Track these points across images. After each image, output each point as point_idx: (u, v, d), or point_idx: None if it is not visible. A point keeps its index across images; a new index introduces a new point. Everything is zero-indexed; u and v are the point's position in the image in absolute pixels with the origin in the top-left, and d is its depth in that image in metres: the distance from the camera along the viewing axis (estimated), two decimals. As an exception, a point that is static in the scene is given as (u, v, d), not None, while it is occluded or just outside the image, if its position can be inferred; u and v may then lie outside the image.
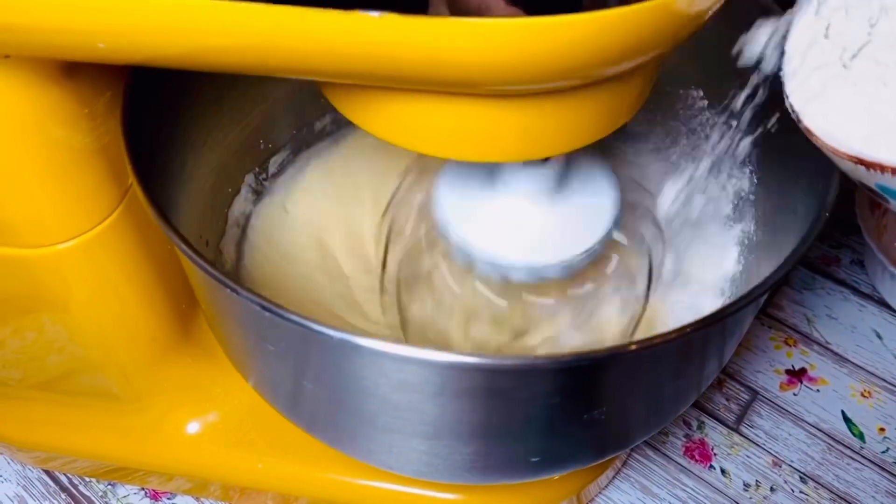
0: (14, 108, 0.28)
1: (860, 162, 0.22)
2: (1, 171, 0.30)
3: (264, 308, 0.25)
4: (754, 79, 0.27)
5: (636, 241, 0.37)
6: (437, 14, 0.20)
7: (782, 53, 0.26)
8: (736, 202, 0.42)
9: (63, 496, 0.47)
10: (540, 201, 0.33)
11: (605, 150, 0.35)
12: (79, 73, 0.30)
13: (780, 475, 0.47)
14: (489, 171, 0.33)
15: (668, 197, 0.34)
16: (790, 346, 0.53)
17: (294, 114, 0.47)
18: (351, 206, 0.47)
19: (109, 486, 0.47)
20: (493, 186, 0.33)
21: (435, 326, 0.37)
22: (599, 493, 0.46)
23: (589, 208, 0.34)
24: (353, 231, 0.46)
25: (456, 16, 0.20)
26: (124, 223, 0.34)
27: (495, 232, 0.33)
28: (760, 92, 0.28)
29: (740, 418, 0.50)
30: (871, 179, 0.23)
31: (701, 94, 0.43)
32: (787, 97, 0.25)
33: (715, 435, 0.49)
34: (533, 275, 0.33)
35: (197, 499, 0.46)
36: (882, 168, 0.22)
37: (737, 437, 0.49)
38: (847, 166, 0.23)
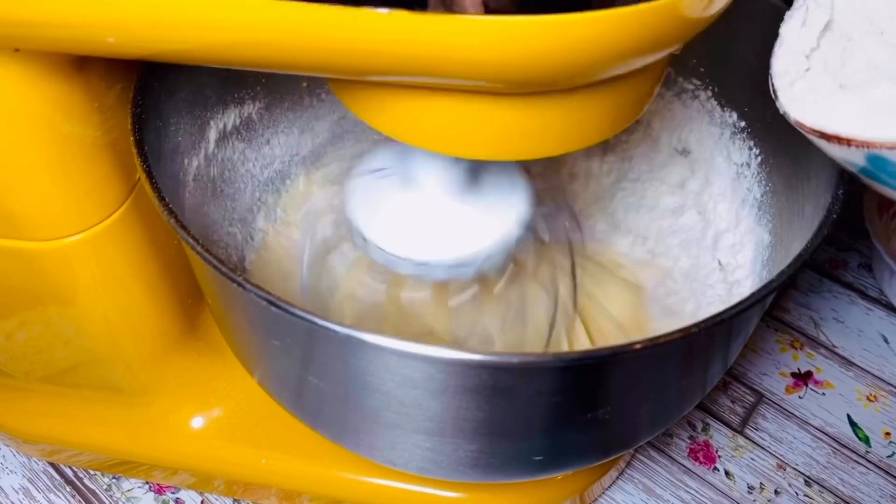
0: (24, 102, 0.29)
1: (822, 135, 0.25)
2: (10, 164, 0.30)
3: (271, 303, 0.25)
4: None
5: (557, 235, 0.37)
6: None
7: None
8: (743, 202, 0.42)
9: (68, 489, 0.47)
10: (452, 197, 0.32)
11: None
12: (89, 67, 0.30)
13: (784, 478, 0.47)
14: (401, 167, 0.33)
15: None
16: (796, 348, 0.53)
17: (301, 111, 0.47)
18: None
19: (114, 480, 0.47)
20: (405, 183, 0.33)
21: None
22: (603, 493, 0.46)
23: (503, 203, 0.33)
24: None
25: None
26: (132, 217, 0.34)
27: (409, 230, 0.32)
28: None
29: (745, 421, 0.49)
30: (840, 155, 0.25)
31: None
32: (771, 80, 0.27)
33: (719, 437, 0.49)
34: (448, 272, 0.32)
35: (201, 494, 0.47)
36: (839, 140, 0.24)
37: (741, 440, 0.49)
38: (815, 140, 0.26)
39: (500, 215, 0.33)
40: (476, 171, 0.32)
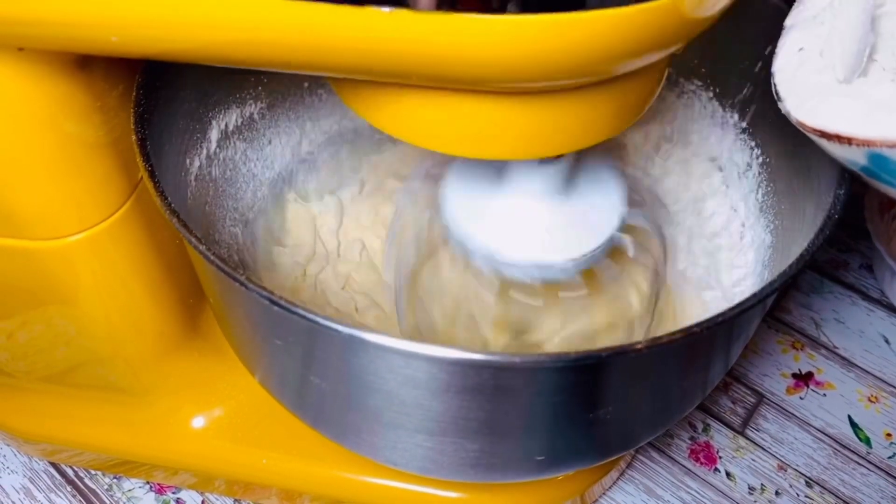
0: (26, 101, 0.29)
1: (823, 134, 0.25)
2: (12, 163, 0.30)
3: (273, 302, 0.25)
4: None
5: (640, 249, 0.37)
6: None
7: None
8: (745, 202, 0.42)
9: (69, 489, 0.47)
10: (548, 200, 0.33)
11: (611, 147, 0.35)
12: (92, 66, 0.30)
13: (785, 479, 0.47)
14: (497, 169, 0.33)
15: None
16: (797, 349, 0.53)
17: (302, 110, 0.47)
18: (361, 202, 0.47)
19: (115, 480, 0.47)
20: (501, 185, 0.33)
21: (443, 329, 0.37)
22: (603, 493, 0.46)
23: (597, 207, 0.34)
24: (361, 226, 0.46)
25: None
26: (134, 217, 0.34)
27: (502, 231, 0.33)
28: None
29: (746, 421, 0.49)
30: (842, 154, 0.25)
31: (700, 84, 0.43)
32: (773, 82, 0.28)
33: (720, 438, 0.49)
34: (540, 273, 0.33)
35: (202, 494, 0.47)
36: (840, 139, 0.24)
37: (742, 441, 0.49)
38: (816, 140, 0.26)
39: (594, 221, 0.33)
40: (573, 172, 0.33)
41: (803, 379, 0.52)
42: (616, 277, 0.36)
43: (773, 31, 0.29)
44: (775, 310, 0.55)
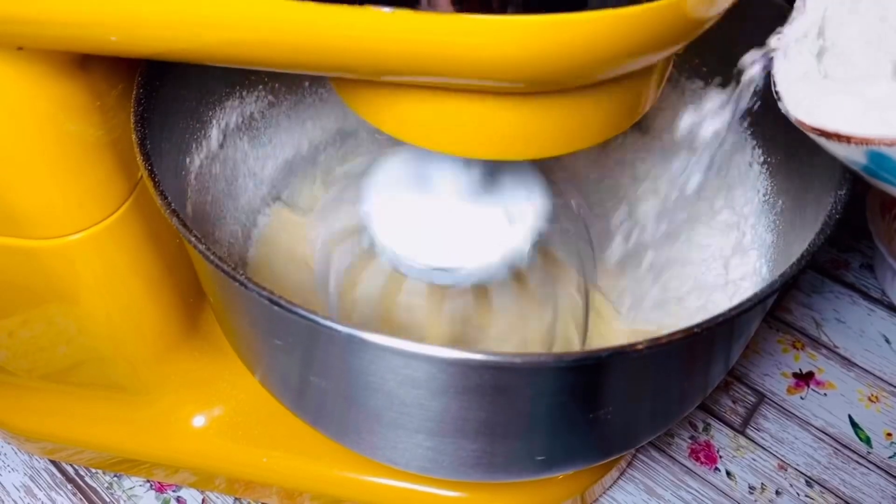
0: (27, 101, 0.29)
1: (822, 133, 0.25)
2: (13, 162, 0.30)
3: (273, 302, 0.25)
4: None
5: (567, 250, 0.36)
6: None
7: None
8: (746, 202, 0.42)
9: (69, 487, 0.47)
10: (467, 202, 0.32)
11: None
12: (91, 65, 0.30)
13: (785, 479, 0.47)
14: (417, 172, 0.33)
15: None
16: (798, 349, 0.53)
17: (303, 109, 0.47)
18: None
19: (115, 478, 0.47)
20: (422, 187, 0.33)
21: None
22: (604, 493, 0.46)
23: (519, 206, 0.33)
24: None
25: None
26: (134, 216, 0.34)
27: (421, 236, 0.32)
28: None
29: (746, 421, 0.49)
30: (842, 153, 0.25)
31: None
32: (772, 80, 0.27)
33: (721, 437, 0.49)
34: (457, 279, 0.32)
35: (202, 492, 0.47)
36: (839, 137, 0.24)
37: (743, 440, 0.49)
38: (816, 139, 0.26)
39: (514, 226, 0.33)
40: (492, 174, 0.32)
41: (804, 378, 0.52)
42: (545, 280, 0.35)
43: (774, 31, 0.29)
44: (776, 309, 0.55)
